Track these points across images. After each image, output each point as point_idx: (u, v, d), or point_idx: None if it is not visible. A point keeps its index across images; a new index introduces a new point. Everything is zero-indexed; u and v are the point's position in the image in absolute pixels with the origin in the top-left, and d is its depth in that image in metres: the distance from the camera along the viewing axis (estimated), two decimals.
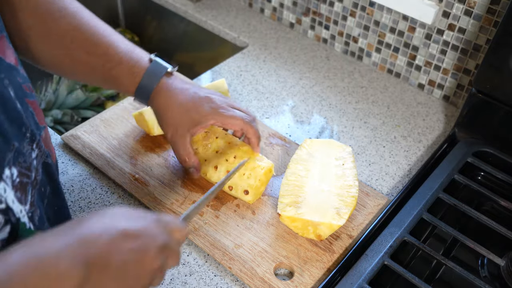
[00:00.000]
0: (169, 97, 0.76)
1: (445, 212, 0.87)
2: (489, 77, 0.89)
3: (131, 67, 0.74)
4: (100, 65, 0.73)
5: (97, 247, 0.44)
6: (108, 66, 0.73)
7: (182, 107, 0.76)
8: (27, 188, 0.53)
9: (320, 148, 0.85)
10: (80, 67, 0.74)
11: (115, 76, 0.74)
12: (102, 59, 0.73)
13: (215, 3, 1.32)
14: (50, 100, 1.23)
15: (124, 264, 0.46)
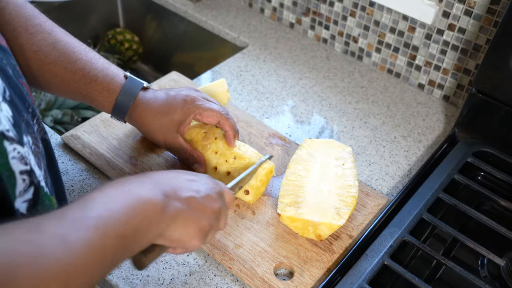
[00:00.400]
0: (145, 109, 0.77)
1: (445, 212, 0.87)
2: (489, 77, 0.89)
3: (107, 84, 0.75)
4: (76, 81, 0.74)
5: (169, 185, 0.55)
6: (84, 82, 0.74)
7: (159, 113, 0.77)
8: (39, 156, 0.56)
9: (320, 148, 0.85)
10: (56, 82, 0.74)
11: (91, 92, 0.75)
12: (78, 75, 0.74)
13: (215, 3, 1.32)
14: (50, 100, 1.23)
15: (190, 198, 0.56)
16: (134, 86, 0.77)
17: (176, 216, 0.54)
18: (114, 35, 1.45)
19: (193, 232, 0.56)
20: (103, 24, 1.50)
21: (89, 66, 0.74)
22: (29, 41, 0.70)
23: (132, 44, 1.47)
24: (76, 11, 1.40)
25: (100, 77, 0.75)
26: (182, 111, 0.78)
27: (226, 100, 0.97)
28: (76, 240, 0.43)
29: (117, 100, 0.76)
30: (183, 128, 0.79)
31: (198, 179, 0.60)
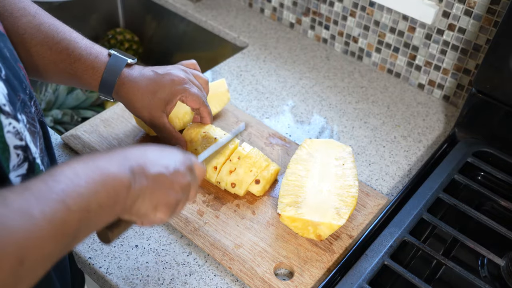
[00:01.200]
0: (132, 86, 0.78)
1: (445, 212, 0.87)
2: (489, 77, 0.89)
3: (92, 62, 0.76)
4: (62, 61, 0.75)
5: (137, 161, 0.54)
6: (69, 61, 0.75)
7: (147, 92, 0.78)
8: (35, 136, 0.57)
9: (320, 148, 0.85)
10: (43, 64, 0.75)
11: (76, 70, 0.76)
12: (63, 55, 0.75)
13: (215, 3, 1.32)
14: (50, 100, 1.23)
15: (158, 175, 0.55)
16: (118, 63, 0.78)
17: (143, 192, 0.53)
18: (114, 35, 1.45)
19: (160, 208, 0.56)
20: (103, 24, 1.50)
21: (73, 45, 0.76)
22: (15, 24, 0.72)
23: (132, 44, 1.47)
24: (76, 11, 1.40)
25: (84, 55, 0.76)
26: (170, 91, 0.79)
27: (226, 100, 0.97)
28: (38, 213, 0.43)
29: (102, 77, 0.77)
30: (169, 108, 0.80)
31: (168, 154, 0.59)
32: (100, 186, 0.48)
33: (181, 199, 0.59)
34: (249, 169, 0.81)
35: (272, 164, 0.84)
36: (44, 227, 0.43)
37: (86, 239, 0.76)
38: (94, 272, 0.74)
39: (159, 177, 0.55)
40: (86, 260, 0.74)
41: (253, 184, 0.81)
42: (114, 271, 0.73)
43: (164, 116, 0.80)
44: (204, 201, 0.82)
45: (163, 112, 0.80)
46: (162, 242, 0.77)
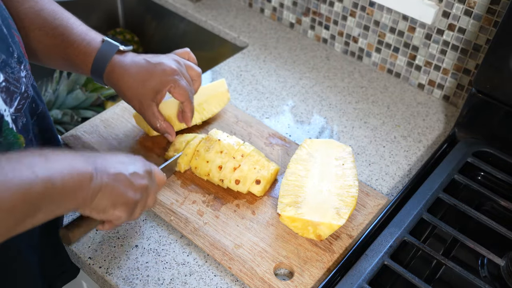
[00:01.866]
0: (122, 73, 0.79)
1: (445, 212, 0.87)
2: (489, 77, 0.89)
3: (84, 47, 0.78)
4: (57, 46, 0.77)
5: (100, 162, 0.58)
6: (63, 46, 0.77)
7: (138, 79, 0.79)
8: (15, 96, 0.60)
9: (320, 148, 0.85)
10: (41, 49, 0.78)
11: (70, 55, 0.78)
12: (58, 40, 0.77)
13: (215, 3, 1.32)
14: (50, 100, 1.23)
15: (118, 174, 0.59)
16: (110, 49, 0.79)
17: (103, 188, 0.57)
18: (114, 35, 1.45)
19: (118, 205, 0.60)
20: (103, 24, 1.50)
21: (69, 31, 0.78)
22: (17, 9, 0.74)
23: (132, 44, 1.47)
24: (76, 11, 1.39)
25: (78, 41, 0.78)
26: (160, 80, 0.79)
27: (226, 100, 0.97)
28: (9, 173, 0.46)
29: (93, 62, 0.78)
30: (159, 98, 0.81)
31: (130, 159, 0.63)
32: (66, 168, 0.52)
33: (139, 200, 0.63)
34: (253, 166, 0.82)
35: (272, 164, 0.84)
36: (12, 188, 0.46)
37: (86, 239, 0.76)
38: (94, 272, 0.74)
39: (119, 175, 0.59)
40: (86, 260, 0.74)
41: (254, 185, 0.81)
42: (114, 271, 0.73)
43: (154, 105, 0.81)
44: (204, 201, 0.82)
45: (153, 101, 0.80)
46: (162, 242, 0.77)
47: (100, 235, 0.77)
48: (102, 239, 0.77)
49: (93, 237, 0.77)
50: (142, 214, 0.80)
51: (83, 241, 0.76)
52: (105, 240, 0.77)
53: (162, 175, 0.70)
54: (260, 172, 0.82)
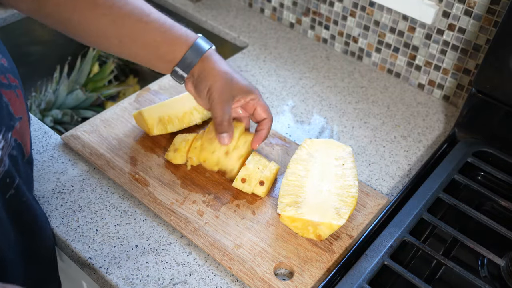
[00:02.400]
0: (214, 64, 0.79)
1: (445, 212, 0.87)
2: (489, 77, 0.89)
3: (184, 32, 0.78)
4: (151, 30, 0.76)
5: None
6: (160, 30, 0.76)
7: (227, 76, 0.78)
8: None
9: (320, 148, 0.85)
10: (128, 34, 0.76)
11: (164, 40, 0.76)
12: (154, 25, 0.76)
13: (215, 3, 1.32)
14: (50, 100, 1.23)
15: None
16: (206, 43, 0.80)
17: None
18: None
19: None
20: None
21: (164, 17, 0.77)
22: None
23: None
24: None
25: (177, 25, 0.78)
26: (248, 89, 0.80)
27: None
28: None
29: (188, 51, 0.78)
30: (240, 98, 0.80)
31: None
32: None
33: None
34: (257, 166, 0.82)
35: (272, 163, 0.85)
36: None
37: (86, 239, 0.77)
38: (94, 272, 0.74)
39: None
40: (86, 260, 0.74)
41: (258, 186, 0.81)
42: (114, 271, 0.73)
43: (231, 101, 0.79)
44: (204, 201, 0.82)
45: (233, 97, 0.79)
46: (162, 242, 0.77)
47: (100, 235, 0.77)
48: (102, 239, 0.77)
49: (93, 237, 0.77)
50: (142, 214, 0.81)
51: (83, 241, 0.76)
52: (105, 240, 0.77)
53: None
54: (263, 172, 0.82)
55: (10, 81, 0.59)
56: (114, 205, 0.82)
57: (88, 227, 0.78)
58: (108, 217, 0.80)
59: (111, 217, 0.80)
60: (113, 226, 0.79)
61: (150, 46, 0.77)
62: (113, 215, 0.80)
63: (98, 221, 0.79)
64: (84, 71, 1.28)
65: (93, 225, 0.79)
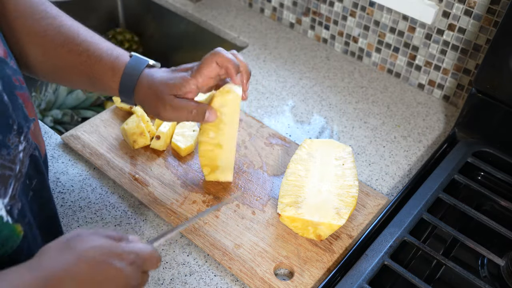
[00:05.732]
0: (150, 85, 0.72)
1: (445, 212, 0.87)
2: (489, 77, 0.89)
3: (112, 63, 0.73)
4: (82, 63, 0.72)
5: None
6: (89, 63, 0.72)
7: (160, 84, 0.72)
8: (9, 181, 0.53)
9: (320, 148, 0.85)
10: (63, 66, 0.73)
11: (96, 73, 0.73)
12: (83, 56, 0.72)
13: (215, 3, 1.32)
14: (50, 100, 1.23)
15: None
16: (139, 63, 0.73)
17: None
18: (114, 35, 1.45)
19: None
20: (103, 24, 1.49)
21: (94, 47, 0.73)
22: (36, 26, 0.70)
23: (132, 44, 1.47)
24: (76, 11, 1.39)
25: (105, 57, 0.73)
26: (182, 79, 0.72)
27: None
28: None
29: (122, 78, 0.72)
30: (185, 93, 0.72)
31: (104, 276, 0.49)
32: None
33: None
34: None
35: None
36: None
37: None
38: None
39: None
40: None
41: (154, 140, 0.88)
42: None
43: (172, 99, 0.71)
44: (204, 201, 0.82)
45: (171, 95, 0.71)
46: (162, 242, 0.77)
47: None
48: None
49: None
50: (142, 214, 0.81)
51: None
52: None
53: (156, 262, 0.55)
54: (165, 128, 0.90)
55: (20, 83, 0.59)
56: (114, 205, 0.82)
57: (88, 227, 0.78)
58: (108, 217, 0.80)
59: (111, 217, 0.80)
60: (113, 226, 0.79)
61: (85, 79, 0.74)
62: (113, 215, 0.80)
63: (98, 221, 0.79)
64: None
65: (93, 225, 0.78)
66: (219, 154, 0.80)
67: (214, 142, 0.78)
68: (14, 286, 0.45)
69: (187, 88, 0.72)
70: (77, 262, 0.48)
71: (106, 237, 0.52)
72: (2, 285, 0.45)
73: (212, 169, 0.82)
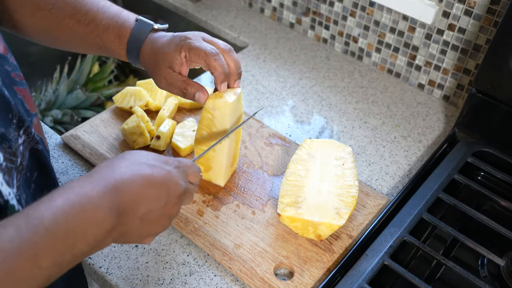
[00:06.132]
0: (152, 49, 0.73)
1: (445, 212, 0.87)
2: (489, 77, 0.89)
3: (118, 30, 0.74)
4: (90, 33, 0.73)
5: (127, 195, 0.51)
6: (97, 33, 0.73)
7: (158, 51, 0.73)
8: (12, 172, 0.55)
9: (320, 148, 0.85)
10: (74, 38, 0.74)
11: (105, 42, 0.74)
12: (91, 27, 0.73)
13: (215, 3, 1.32)
14: (50, 100, 1.23)
15: (149, 211, 0.53)
16: (144, 28, 0.74)
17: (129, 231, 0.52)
18: None
19: (147, 238, 0.56)
20: None
21: (100, 15, 0.73)
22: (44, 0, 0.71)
23: None
24: None
25: (111, 25, 0.73)
26: (175, 48, 0.71)
27: None
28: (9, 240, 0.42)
29: (127, 44, 0.73)
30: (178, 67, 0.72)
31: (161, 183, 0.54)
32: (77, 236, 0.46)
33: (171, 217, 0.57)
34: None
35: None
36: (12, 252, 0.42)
37: None
38: (94, 272, 0.74)
39: (148, 215, 0.53)
40: (86, 260, 0.74)
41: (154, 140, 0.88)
42: (114, 271, 0.73)
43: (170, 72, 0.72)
44: (204, 201, 0.82)
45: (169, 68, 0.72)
46: (162, 242, 0.77)
47: None
48: None
49: None
50: None
51: None
52: None
53: (197, 173, 0.61)
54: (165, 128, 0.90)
55: (20, 78, 0.60)
56: None
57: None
58: None
59: None
60: None
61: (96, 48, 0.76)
62: None
63: None
64: (84, 71, 1.28)
65: None
66: (212, 156, 0.80)
67: (208, 143, 0.78)
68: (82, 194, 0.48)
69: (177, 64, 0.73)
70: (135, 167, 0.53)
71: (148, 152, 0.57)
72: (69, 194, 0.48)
73: (205, 169, 0.82)
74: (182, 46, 0.71)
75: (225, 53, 0.73)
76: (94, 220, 0.48)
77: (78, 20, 0.73)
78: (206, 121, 0.76)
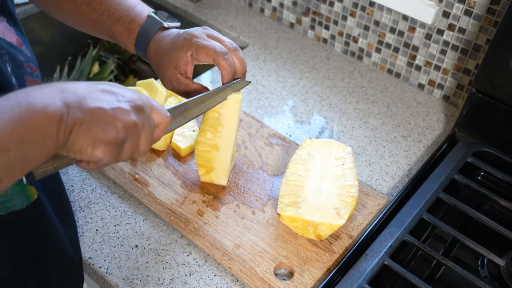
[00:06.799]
0: (157, 49, 0.74)
1: (445, 212, 0.87)
2: (489, 77, 0.89)
3: (128, 24, 0.74)
4: (104, 22, 0.75)
5: (75, 93, 0.50)
6: (109, 23, 0.75)
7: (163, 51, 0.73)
8: None
9: (320, 148, 0.85)
10: (89, 24, 0.76)
11: (115, 33, 0.75)
12: (104, 16, 0.74)
13: (215, 3, 1.32)
14: None
15: (97, 109, 0.50)
16: (153, 26, 0.74)
17: (77, 126, 0.49)
18: None
19: (97, 145, 0.51)
20: None
21: (115, 7, 0.74)
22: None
23: None
24: None
25: (123, 17, 0.74)
26: (180, 47, 0.72)
27: None
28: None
29: (136, 40, 0.75)
30: (183, 67, 0.72)
31: (116, 91, 0.53)
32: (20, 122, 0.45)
33: (124, 139, 0.53)
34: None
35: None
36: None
37: (86, 239, 0.76)
38: (94, 272, 0.74)
39: (97, 111, 0.50)
40: (86, 260, 0.74)
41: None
42: (114, 271, 0.73)
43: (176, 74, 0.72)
44: (204, 201, 0.82)
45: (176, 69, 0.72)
46: (162, 242, 0.77)
47: (100, 235, 0.77)
48: (102, 239, 0.77)
49: (93, 237, 0.77)
50: (142, 214, 0.81)
51: (83, 241, 0.76)
52: (105, 240, 0.77)
53: (163, 113, 0.58)
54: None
55: (32, 70, 0.61)
56: (114, 205, 0.82)
57: (88, 227, 0.78)
58: (108, 217, 0.80)
59: (111, 217, 0.80)
60: (113, 226, 0.79)
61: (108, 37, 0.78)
62: (113, 215, 0.80)
63: (98, 221, 0.79)
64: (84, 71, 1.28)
65: (93, 225, 0.79)
66: (215, 156, 0.80)
67: (211, 144, 0.78)
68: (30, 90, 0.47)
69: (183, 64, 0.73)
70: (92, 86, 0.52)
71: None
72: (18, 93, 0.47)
73: (207, 170, 0.82)
74: (188, 45, 0.71)
75: (232, 52, 0.73)
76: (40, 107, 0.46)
77: (93, 8, 0.74)
78: (212, 121, 0.76)
